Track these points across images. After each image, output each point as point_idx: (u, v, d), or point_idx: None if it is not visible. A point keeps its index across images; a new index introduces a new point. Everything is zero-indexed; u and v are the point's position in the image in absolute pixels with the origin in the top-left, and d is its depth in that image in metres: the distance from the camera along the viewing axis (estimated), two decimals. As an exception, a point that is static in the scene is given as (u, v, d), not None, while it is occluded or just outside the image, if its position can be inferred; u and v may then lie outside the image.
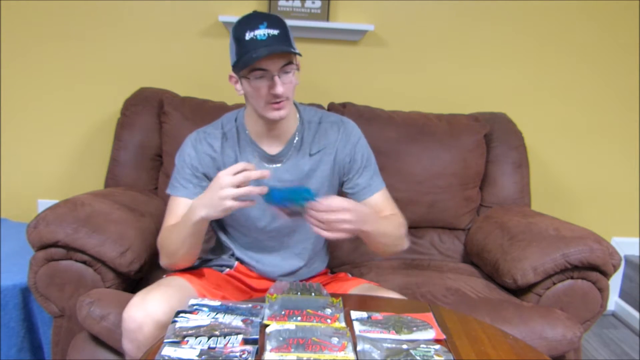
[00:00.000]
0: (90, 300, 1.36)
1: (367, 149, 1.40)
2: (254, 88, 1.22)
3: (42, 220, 1.44)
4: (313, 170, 1.35)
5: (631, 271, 2.46)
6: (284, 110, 1.24)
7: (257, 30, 1.19)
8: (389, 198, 1.39)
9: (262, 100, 1.22)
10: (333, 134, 1.36)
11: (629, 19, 2.29)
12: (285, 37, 1.21)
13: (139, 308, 1.13)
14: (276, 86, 1.19)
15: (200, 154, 1.33)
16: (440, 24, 2.25)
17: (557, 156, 2.39)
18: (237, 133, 1.35)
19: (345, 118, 1.42)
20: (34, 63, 2.17)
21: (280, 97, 1.21)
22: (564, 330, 1.46)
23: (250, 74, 1.20)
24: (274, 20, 1.22)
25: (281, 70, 1.20)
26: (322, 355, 0.90)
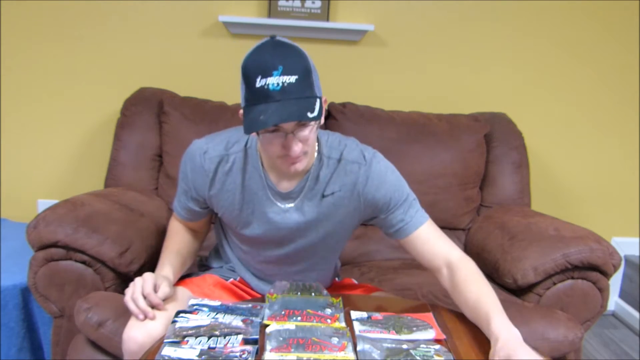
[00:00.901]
0: (87, 306, 1.33)
1: (394, 185, 1.21)
2: (264, 141, 1.06)
3: (42, 220, 1.44)
4: (324, 215, 1.21)
5: (631, 271, 2.46)
6: (299, 164, 1.08)
7: (270, 77, 0.98)
8: (436, 230, 1.23)
9: (275, 154, 1.07)
10: (352, 175, 1.18)
11: (629, 19, 2.29)
12: (304, 85, 1.01)
13: (139, 328, 1.09)
14: (291, 148, 1.03)
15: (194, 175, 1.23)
16: (441, 24, 2.25)
17: (557, 156, 2.39)
18: (245, 158, 1.19)
19: (369, 152, 1.21)
20: (34, 63, 2.17)
21: (296, 156, 1.06)
22: (566, 331, 1.46)
23: (260, 131, 1.03)
24: (292, 62, 1.01)
25: (298, 127, 1.03)
26: (322, 355, 0.90)
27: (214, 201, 1.24)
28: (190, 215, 1.32)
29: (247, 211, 1.22)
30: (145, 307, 1.09)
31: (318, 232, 1.23)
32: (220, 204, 1.23)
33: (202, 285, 1.31)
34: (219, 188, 1.21)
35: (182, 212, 1.32)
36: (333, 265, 1.40)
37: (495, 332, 0.97)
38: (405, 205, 1.20)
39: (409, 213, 1.20)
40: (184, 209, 1.31)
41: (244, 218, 1.23)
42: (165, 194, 1.91)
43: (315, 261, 1.31)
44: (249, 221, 1.23)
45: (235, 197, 1.21)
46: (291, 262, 1.29)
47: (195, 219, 1.33)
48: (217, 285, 1.34)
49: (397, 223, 1.20)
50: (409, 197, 1.22)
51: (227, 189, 1.21)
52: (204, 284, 1.32)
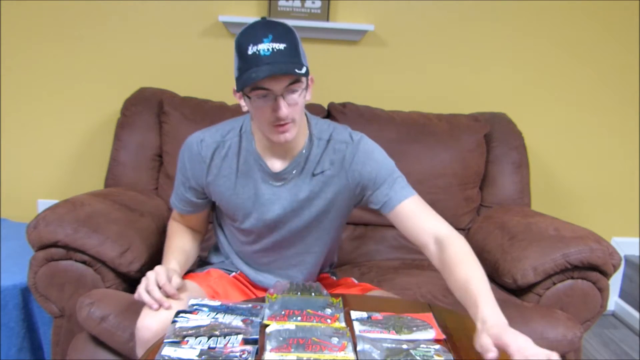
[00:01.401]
0: (90, 301, 1.35)
1: (380, 162, 1.25)
2: (256, 108, 1.12)
3: (42, 220, 1.44)
4: (315, 193, 1.25)
5: (631, 271, 2.46)
6: (289, 133, 1.13)
7: (261, 44, 1.06)
8: (423, 205, 1.23)
9: (266, 121, 1.12)
10: (340, 154, 1.24)
11: (629, 19, 2.29)
12: (293, 53, 1.09)
13: (154, 317, 1.11)
14: (280, 109, 1.08)
15: (192, 164, 1.27)
16: (441, 24, 2.25)
17: (557, 156, 2.39)
18: (240, 143, 1.25)
19: (357, 134, 1.28)
20: (34, 63, 2.17)
21: (285, 119, 1.11)
22: (565, 331, 1.46)
23: (252, 93, 1.09)
24: (280, 32, 1.08)
25: (286, 90, 1.09)
26: (322, 355, 0.90)
27: (211, 188, 1.28)
28: (189, 207, 1.34)
29: (242, 195, 1.26)
30: (161, 297, 1.12)
31: (311, 212, 1.27)
32: (217, 190, 1.28)
33: (207, 279, 1.33)
34: (216, 174, 1.26)
35: (180, 205, 1.34)
36: (328, 249, 1.39)
37: (482, 317, 0.95)
38: (390, 181, 1.24)
39: (393, 188, 1.23)
40: (182, 201, 1.33)
41: (240, 202, 1.27)
42: (165, 194, 1.91)
43: (310, 243, 1.33)
44: (245, 205, 1.27)
45: (231, 181, 1.26)
46: (287, 244, 1.32)
47: (194, 210, 1.35)
48: (222, 278, 1.36)
49: (383, 197, 1.23)
50: (394, 173, 1.25)
51: (223, 174, 1.26)
52: (210, 278, 1.34)
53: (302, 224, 1.29)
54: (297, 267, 1.36)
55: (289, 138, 1.15)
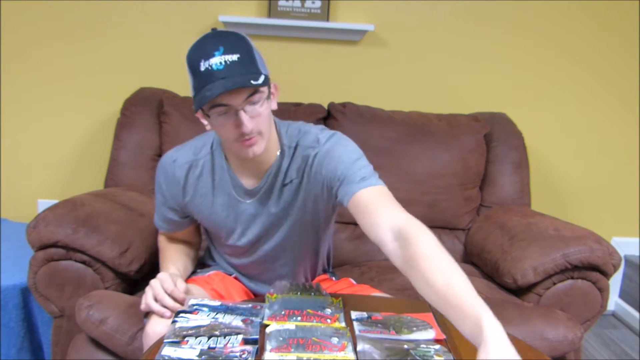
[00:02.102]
0: (89, 304, 1.34)
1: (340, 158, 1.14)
2: (218, 126, 1.06)
3: (42, 220, 1.44)
4: (288, 203, 1.21)
5: (631, 271, 2.46)
6: (256, 146, 1.07)
7: (212, 58, 0.99)
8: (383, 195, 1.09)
9: (230, 139, 1.06)
10: (305, 160, 1.18)
11: (629, 19, 2.29)
12: (248, 62, 1.02)
13: (162, 323, 1.09)
14: (242, 124, 1.02)
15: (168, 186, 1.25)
16: (440, 24, 2.25)
17: (557, 156, 2.39)
18: (213, 160, 1.21)
19: (324, 135, 1.18)
20: (34, 63, 2.17)
21: (250, 133, 1.04)
22: (565, 331, 1.46)
23: (211, 111, 1.03)
24: (232, 42, 1.02)
25: (246, 102, 1.02)
26: (322, 355, 0.90)
27: (190, 208, 1.26)
28: (172, 226, 1.33)
29: (221, 213, 1.24)
30: (173, 304, 1.10)
31: (288, 223, 1.24)
32: (197, 210, 1.26)
33: (210, 282, 1.32)
34: (192, 194, 1.23)
35: (163, 224, 1.33)
36: (317, 255, 1.37)
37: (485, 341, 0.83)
38: (349, 174, 1.11)
39: (352, 180, 1.09)
40: (164, 221, 1.32)
41: (221, 220, 1.25)
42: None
43: (296, 253, 1.31)
44: (226, 223, 1.25)
45: (208, 200, 1.23)
46: (273, 258, 1.30)
47: (178, 229, 1.33)
48: (225, 280, 1.35)
49: (343, 193, 1.11)
50: (355, 166, 1.12)
51: (199, 194, 1.23)
52: (212, 281, 1.33)
53: (284, 236, 1.26)
54: (287, 277, 1.35)
55: (257, 152, 1.09)
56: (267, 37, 2.20)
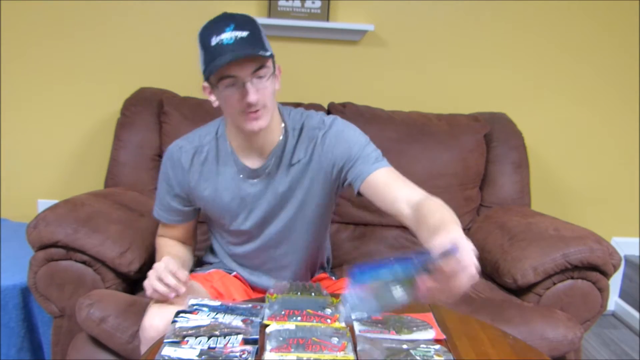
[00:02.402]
0: (89, 302, 1.35)
1: (351, 140, 1.23)
2: (225, 99, 1.12)
3: (42, 220, 1.44)
4: (294, 183, 1.25)
5: (631, 271, 2.46)
6: (262, 120, 1.12)
7: (223, 33, 1.07)
8: (397, 176, 1.20)
9: (236, 111, 1.12)
10: (313, 140, 1.24)
11: (629, 19, 2.29)
12: (256, 39, 1.09)
13: (160, 316, 1.10)
14: (248, 94, 1.08)
15: (173, 172, 1.28)
16: (440, 24, 2.25)
17: (557, 156, 2.39)
18: (217, 146, 1.26)
19: (328, 118, 1.27)
20: (34, 63, 2.17)
21: (255, 105, 1.10)
22: (565, 331, 1.46)
23: (219, 83, 1.10)
24: (242, 21, 1.10)
25: (253, 75, 1.09)
26: (322, 355, 0.90)
27: (195, 194, 1.28)
28: (176, 217, 1.33)
29: (225, 197, 1.26)
30: (176, 283, 1.09)
31: (293, 204, 1.27)
32: (201, 195, 1.28)
33: (210, 280, 1.32)
34: (197, 179, 1.26)
35: (166, 214, 1.33)
36: (316, 247, 1.39)
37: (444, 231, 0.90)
38: (363, 156, 1.21)
39: (366, 162, 1.20)
40: (168, 211, 1.32)
41: (225, 204, 1.27)
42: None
43: (297, 239, 1.33)
44: (230, 207, 1.27)
45: (212, 185, 1.26)
46: (275, 243, 1.32)
47: (181, 220, 1.34)
48: (224, 278, 1.36)
49: (356, 173, 1.20)
50: (367, 148, 1.22)
51: (204, 179, 1.26)
52: (212, 279, 1.34)
53: (288, 218, 1.29)
54: (287, 267, 1.37)
55: (262, 125, 1.14)
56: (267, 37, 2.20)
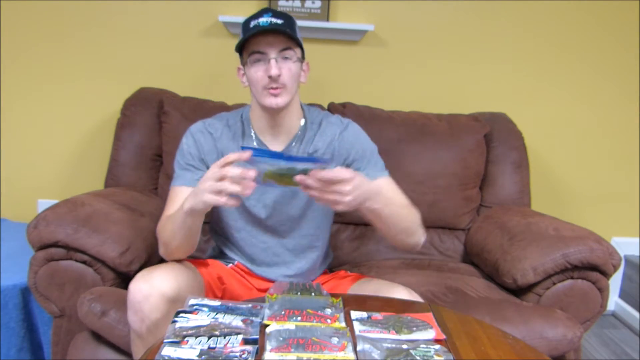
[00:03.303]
0: (91, 297, 1.37)
1: (365, 143, 1.38)
2: (251, 75, 1.23)
3: (42, 220, 1.44)
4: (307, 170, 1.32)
5: (631, 271, 2.46)
6: (280, 98, 1.23)
7: (261, 18, 1.21)
8: (396, 188, 1.33)
9: (260, 84, 1.22)
10: (330, 135, 1.35)
11: (629, 19, 2.29)
12: (288, 25, 1.21)
13: (145, 281, 1.13)
14: (271, 68, 1.19)
15: (199, 142, 1.33)
16: (440, 24, 2.25)
17: (557, 156, 2.39)
18: (242, 128, 1.35)
19: (347, 119, 1.41)
20: (34, 63, 2.17)
21: (276, 80, 1.20)
22: (565, 330, 1.46)
23: (249, 58, 1.22)
24: (280, 13, 1.24)
25: (280, 54, 1.21)
26: (322, 355, 0.90)
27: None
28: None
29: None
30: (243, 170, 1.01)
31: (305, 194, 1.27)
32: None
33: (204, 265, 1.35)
34: (224, 147, 1.32)
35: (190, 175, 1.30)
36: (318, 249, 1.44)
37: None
38: (372, 161, 1.36)
39: (374, 168, 1.34)
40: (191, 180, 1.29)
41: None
42: (165, 194, 1.90)
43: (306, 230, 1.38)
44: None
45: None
46: (284, 233, 1.38)
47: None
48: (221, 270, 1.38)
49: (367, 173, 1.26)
50: (377, 156, 1.38)
51: (231, 150, 1.30)
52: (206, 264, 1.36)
53: (298, 206, 1.34)
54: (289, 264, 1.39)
55: (280, 103, 1.23)
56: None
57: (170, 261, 1.27)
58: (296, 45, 1.24)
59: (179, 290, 1.13)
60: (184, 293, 1.13)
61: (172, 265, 1.22)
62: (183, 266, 1.24)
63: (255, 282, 1.42)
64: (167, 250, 1.27)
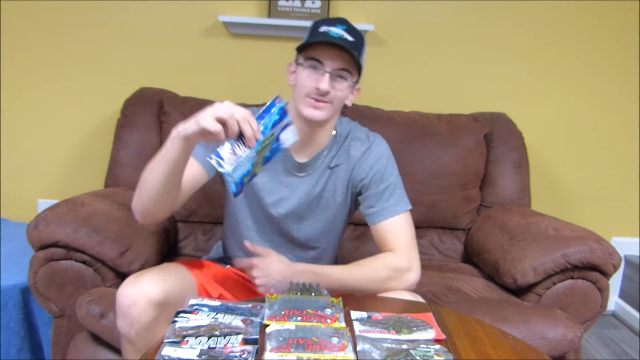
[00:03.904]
0: (90, 299, 1.37)
1: (385, 166, 1.31)
2: (301, 77, 1.18)
3: (42, 220, 1.44)
4: (327, 184, 1.31)
5: (631, 271, 2.46)
6: (320, 111, 1.18)
7: (334, 27, 1.16)
8: (404, 227, 1.28)
9: (305, 92, 1.18)
10: (355, 150, 1.31)
11: (629, 19, 2.29)
12: (356, 47, 1.16)
13: (133, 285, 1.12)
14: (322, 82, 1.15)
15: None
16: (440, 24, 2.25)
17: (557, 156, 2.39)
18: None
19: (374, 135, 1.36)
20: (34, 63, 2.17)
21: (323, 95, 1.16)
22: (565, 331, 1.46)
23: (306, 62, 1.17)
24: (354, 30, 1.18)
25: (336, 71, 1.16)
26: (322, 355, 0.90)
27: None
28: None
29: (259, 180, 1.28)
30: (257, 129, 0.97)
31: (320, 205, 1.31)
32: None
33: (199, 266, 1.34)
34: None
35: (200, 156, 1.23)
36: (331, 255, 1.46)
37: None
38: (388, 191, 1.29)
39: (389, 201, 1.28)
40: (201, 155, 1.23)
41: (258, 187, 1.29)
42: (165, 194, 1.91)
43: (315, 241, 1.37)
44: (262, 192, 1.30)
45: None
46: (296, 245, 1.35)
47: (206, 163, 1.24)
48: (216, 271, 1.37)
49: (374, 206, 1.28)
50: (390, 188, 1.29)
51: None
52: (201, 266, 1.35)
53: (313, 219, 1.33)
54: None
55: (318, 116, 1.19)
56: (267, 37, 2.20)
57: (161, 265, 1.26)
58: (356, 68, 1.20)
59: (167, 293, 1.12)
60: (173, 296, 1.12)
61: (161, 269, 1.21)
62: (172, 269, 1.23)
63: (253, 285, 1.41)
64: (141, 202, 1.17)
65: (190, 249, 1.90)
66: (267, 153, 1.03)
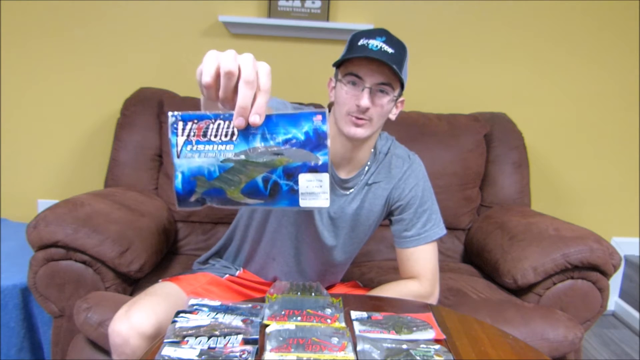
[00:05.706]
0: (87, 306, 1.34)
1: (425, 193, 1.29)
2: (341, 94, 1.13)
3: (42, 220, 1.44)
4: (364, 201, 1.29)
5: (631, 271, 2.46)
6: (361, 129, 1.14)
7: (373, 40, 1.10)
8: (433, 254, 1.29)
9: (345, 110, 1.13)
10: (396, 169, 1.29)
11: (629, 19, 2.29)
12: (397, 59, 1.11)
13: (124, 322, 1.09)
14: (362, 98, 1.09)
15: None
16: (440, 24, 2.25)
17: (557, 156, 2.39)
18: None
19: (414, 154, 1.34)
20: (34, 63, 2.17)
21: (363, 112, 1.11)
22: (566, 331, 1.46)
23: (344, 78, 1.12)
24: (394, 41, 1.13)
25: (376, 87, 1.11)
26: (322, 355, 0.90)
27: None
28: None
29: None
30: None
31: (356, 222, 1.29)
32: None
33: (194, 283, 1.30)
34: None
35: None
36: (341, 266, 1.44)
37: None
38: (423, 218, 1.28)
39: (423, 228, 1.28)
40: None
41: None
42: (165, 194, 1.91)
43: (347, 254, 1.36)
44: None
45: None
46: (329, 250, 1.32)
47: None
48: (212, 283, 1.34)
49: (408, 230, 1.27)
50: (426, 213, 1.29)
51: None
52: (196, 282, 1.31)
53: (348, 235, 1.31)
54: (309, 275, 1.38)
55: (360, 135, 1.14)
56: (267, 37, 2.20)
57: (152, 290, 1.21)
58: (397, 81, 1.14)
59: (159, 325, 1.09)
60: (166, 324, 1.09)
61: (150, 297, 1.15)
62: (164, 295, 1.19)
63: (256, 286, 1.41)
64: None
65: (190, 249, 1.90)
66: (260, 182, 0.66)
